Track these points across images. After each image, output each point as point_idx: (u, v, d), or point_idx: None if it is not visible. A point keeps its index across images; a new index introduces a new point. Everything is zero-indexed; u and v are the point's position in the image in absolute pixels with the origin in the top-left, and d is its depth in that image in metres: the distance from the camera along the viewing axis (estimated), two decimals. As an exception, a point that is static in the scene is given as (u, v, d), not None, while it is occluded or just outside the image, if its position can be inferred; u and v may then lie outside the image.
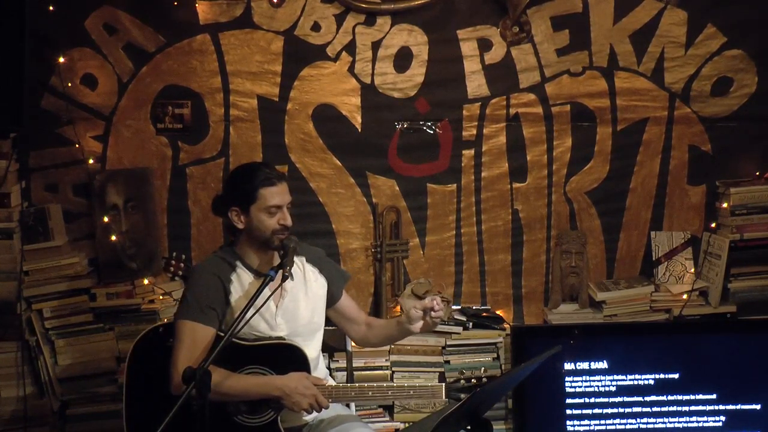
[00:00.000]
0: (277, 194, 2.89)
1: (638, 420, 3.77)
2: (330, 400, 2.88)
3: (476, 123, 3.98)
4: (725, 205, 3.93)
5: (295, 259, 3.04)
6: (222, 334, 2.88)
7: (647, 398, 3.77)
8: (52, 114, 3.85)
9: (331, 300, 3.14)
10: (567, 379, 3.77)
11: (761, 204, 3.90)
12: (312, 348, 3.06)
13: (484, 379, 2.93)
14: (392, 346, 3.85)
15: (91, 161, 3.87)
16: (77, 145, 3.86)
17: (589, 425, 3.78)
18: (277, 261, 2.90)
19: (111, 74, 3.87)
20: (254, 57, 3.90)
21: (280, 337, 2.94)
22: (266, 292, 2.77)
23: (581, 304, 4.01)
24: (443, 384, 2.95)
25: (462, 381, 2.93)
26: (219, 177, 3.94)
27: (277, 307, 2.96)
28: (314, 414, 2.99)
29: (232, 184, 2.97)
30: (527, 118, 3.99)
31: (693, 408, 3.76)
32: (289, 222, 2.91)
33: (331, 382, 3.14)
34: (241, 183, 2.92)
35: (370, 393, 2.96)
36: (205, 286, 2.92)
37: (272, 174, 2.91)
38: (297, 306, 3.01)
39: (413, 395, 2.99)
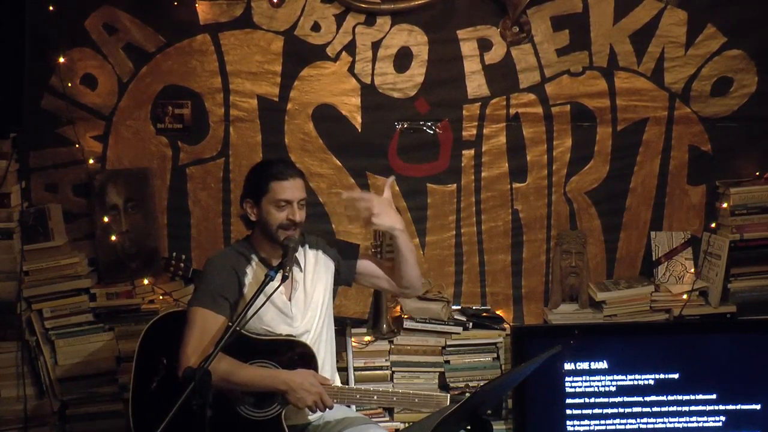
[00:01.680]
0: (287, 189, 2.93)
1: (638, 420, 3.78)
2: (335, 400, 2.89)
3: (476, 123, 3.98)
4: (725, 205, 3.93)
5: (309, 251, 3.09)
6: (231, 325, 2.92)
7: (647, 398, 3.77)
8: (52, 114, 3.85)
9: (349, 273, 3.13)
10: (567, 379, 3.77)
11: (761, 204, 3.90)
12: (326, 335, 3.08)
13: None
14: (392, 346, 3.86)
15: (91, 161, 3.87)
16: (77, 145, 3.86)
17: (589, 425, 3.78)
18: None
19: (111, 74, 3.87)
20: (254, 57, 3.90)
21: (290, 334, 2.96)
22: (269, 289, 2.78)
23: (581, 304, 4.01)
24: (448, 394, 2.98)
25: (467, 393, 2.94)
26: (219, 177, 3.94)
27: (290, 299, 3.00)
28: (318, 413, 3.00)
29: (248, 177, 3.04)
30: (527, 118, 3.99)
31: (693, 408, 3.77)
32: (297, 218, 2.94)
33: (337, 381, 3.16)
34: (255, 176, 3.00)
35: (375, 397, 2.98)
36: (219, 276, 2.96)
37: (286, 169, 2.96)
38: (309, 295, 3.05)
39: (417, 403, 3.00)
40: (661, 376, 3.76)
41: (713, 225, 4.03)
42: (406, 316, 3.89)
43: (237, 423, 2.90)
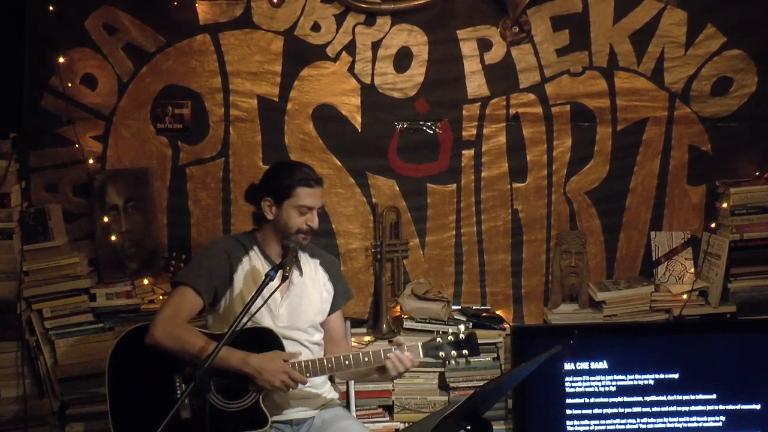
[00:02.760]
0: (311, 196, 3.01)
1: (638, 420, 3.78)
2: (308, 375, 2.89)
3: (476, 123, 3.98)
4: (725, 205, 3.93)
5: (310, 260, 3.17)
6: (208, 332, 2.95)
7: (647, 398, 3.77)
8: (52, 114, 3.85)
9: (329, 311, 3.21)
10: (567, 379, 3.77)
11: (761, 204, 3.90)
12: (312, 346, 3.08)
13: (462, 336, 2.95)
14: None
15: (91, 161, 3.87)
16: (77, 145, 3.86)
17: (589, 425, 3.78)
18: None
19: (111, 74, 3.87)
20: (254, 57, 3.90)
21: (255, 322, 2.95)
22: (266, 291, 2.79)
23: (581, 304, 4.01)
24: (419, 343, 2.97)
25: (438, 339, 2.95)
26: (219, 177, 3.94)
27: (282, 298, 3.01)
28: (313, 412, 3.00)
29: (271, 176, 3.08)
30: (527, 118, 3.99)
31: (693, 408, 3.77)
32: (315, 225, 3.03)
33: (333, 395, 3.18)
34: (281, 177, 3.03)
35: (346, 362, 2.95)
36: (212, 259, 3.03)
37: (311, 176, 3.04)
38: (302, 301, 3.08)
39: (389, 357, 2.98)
40: (661, 376, 3.76)
41: (713, 225, 4.03)
42: (406, 316, 3.89)
43: (218, 418, 2.89)
